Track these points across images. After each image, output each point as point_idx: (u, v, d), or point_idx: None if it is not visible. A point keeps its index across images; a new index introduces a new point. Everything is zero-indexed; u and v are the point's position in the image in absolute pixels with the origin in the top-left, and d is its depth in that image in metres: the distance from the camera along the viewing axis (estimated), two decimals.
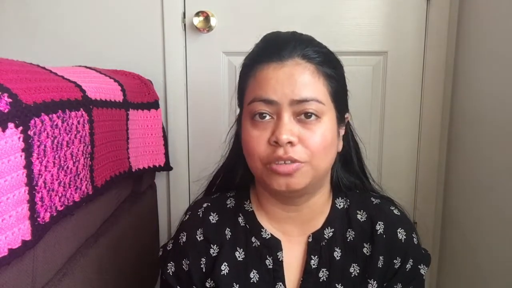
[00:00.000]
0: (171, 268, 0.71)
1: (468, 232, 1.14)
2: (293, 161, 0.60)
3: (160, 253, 0.75)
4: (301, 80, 0.60)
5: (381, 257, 0.67)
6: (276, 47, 0.63)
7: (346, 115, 0.70)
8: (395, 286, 0.68)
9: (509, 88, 0.93)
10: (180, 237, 0.71)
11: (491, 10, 1.06)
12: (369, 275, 0.67)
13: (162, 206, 1.39)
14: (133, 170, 1.06)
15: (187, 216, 0.73)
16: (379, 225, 0.69)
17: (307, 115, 0.61)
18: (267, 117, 0.62)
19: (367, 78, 1.31)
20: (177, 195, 1.38)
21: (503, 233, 0.95)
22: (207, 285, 0.68)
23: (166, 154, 1.24)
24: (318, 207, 0.70)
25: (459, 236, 1.21)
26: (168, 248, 0.73)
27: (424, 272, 0.70)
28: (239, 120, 0.69)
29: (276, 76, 0.61)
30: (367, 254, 0.68)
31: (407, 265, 0.68)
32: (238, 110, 0.71)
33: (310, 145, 0.61)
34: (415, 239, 0.70)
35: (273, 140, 0.60)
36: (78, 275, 0.77)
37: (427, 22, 1.27)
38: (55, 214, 0.65)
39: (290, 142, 0.59)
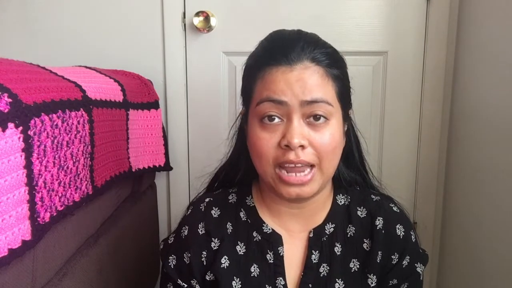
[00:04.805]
0: (172, 261, 0.71)
1: (468, 232, 1.14)
2: (305, 164, 0.60)
3: (161, 247, 0.76)
4: (311, 82, 0.60)
5: (379, 252, 0.68)
6: (284, 49, 0.62)
7: (350, 111, 0.70)
8: (390, 282, 0.69)
9: (509, 87, 0.93)
10: (182, 231, 0.71)
11: (491, 10, 1.06)
12: (368, 270, 0.68)
13: (162, 206, 1.39)
14: (133, 170, 1.06)
15: (189, 210, 0.74)
16: (379, 220, 0.69)
17: (316, 117, 0.60)
18: (276, 120, 0.61)
19: (367, 78, 1.31)
20: (177, 195, 1.38)
21: (503, 232, 0.95)
22: (207, 278, 0.69)
23: (166, 154, 1.24)
24: (320, 204, 0.70)
25: (459, 236, 1.21)
26: (169, 242, 0.74)
27: (421, 271, 0.70)
28: (244, 119, 0.69)
29: (285, 78, 0.60)
30: (367, 249, 0.69)
31: (404, 262, 0.69)
32: (240, 109, 0.71)
33: (320, 148, 0.61)
34: (413, 237, 0.70)
35: (284, 144, 0.60)
36: (78, 275, 0.77)
37: (427, 22, 1.27)
38: (55, 214, 0.65)
39: (301, 146, 0.60)
